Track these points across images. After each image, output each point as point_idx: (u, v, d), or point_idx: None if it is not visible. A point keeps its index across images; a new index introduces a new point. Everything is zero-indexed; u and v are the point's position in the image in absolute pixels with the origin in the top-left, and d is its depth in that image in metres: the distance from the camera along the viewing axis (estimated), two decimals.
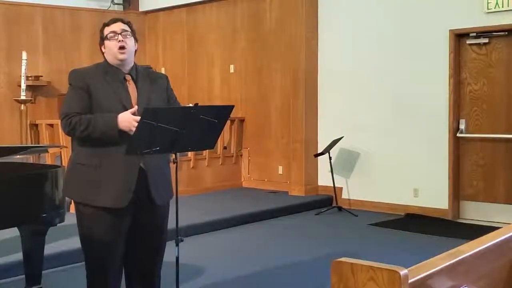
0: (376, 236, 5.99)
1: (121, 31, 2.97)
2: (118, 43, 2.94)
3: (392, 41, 7.02)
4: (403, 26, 6.93)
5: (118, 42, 2.94)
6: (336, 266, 1.39)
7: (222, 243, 5.71)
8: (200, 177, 7.96)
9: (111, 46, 2.95)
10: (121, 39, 2.95)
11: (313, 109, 7.70)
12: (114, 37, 2.95)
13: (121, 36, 2.95)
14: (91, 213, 2.92)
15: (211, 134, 3.12)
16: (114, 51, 2.94)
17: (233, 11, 8.56)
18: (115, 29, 2.97)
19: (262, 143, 8.26)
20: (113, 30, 2.97)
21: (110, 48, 2.95)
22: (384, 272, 1.32)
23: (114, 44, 2.94)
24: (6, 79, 8.10)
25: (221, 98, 8.66)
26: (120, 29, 2.97)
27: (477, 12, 6.37)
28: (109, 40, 2.96)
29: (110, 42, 2.95)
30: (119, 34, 2.96)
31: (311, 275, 4.62)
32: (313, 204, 7.29)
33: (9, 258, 4.50)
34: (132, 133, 2.79)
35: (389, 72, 7.04)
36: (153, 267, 3.13)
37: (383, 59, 7.09)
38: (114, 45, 2.94)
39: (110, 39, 2.95)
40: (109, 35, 2.96)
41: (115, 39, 2.95)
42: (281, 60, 7.95)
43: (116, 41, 2.94)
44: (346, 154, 7.42)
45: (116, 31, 2.96)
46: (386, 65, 7.06)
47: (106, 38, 2.96)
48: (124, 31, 2.98)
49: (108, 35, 2.96)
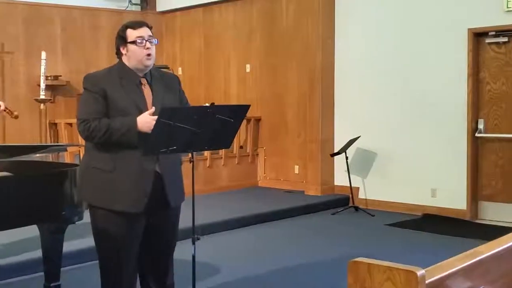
0: (393, 236, 5.96)
1: (148, 37, 2.96)
2: (145, 50, 2.93)
3: (410, 40, 6.97)
4: (422, 25, 6.88)
5: (146, 49, 2.93)
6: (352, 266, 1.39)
7: (238, 242, 5.72)
8: (216, 176, 7.98)
9: (138, 52, 2.93)
10: (149, 46, 2.95)
11: (329, 109, 7.68)
12: (142, 43, 2.93)
13: (148, 43, 2.95)
14: (106, 216, 2.93)
15: (227, 134, 3.12)
16: (141, 58, 2.93)
17: (249, 10, 8.57)
18: (142, 34, 2.95)
19: (278, 142, 8.25)
20: (141, 36, 2.95)
21: (136, 53, 2.93)
22: (401, 273, 1.31)
23: (141, 50, 2.93)
24: (26, 79, 8.19)
25: (237, 98, 8.67)
26: (148, 35, 2.97)
27: (496, 11, 6.31)
28: (137, 45, 2.93)
29: (137, 48, 2.93)
30: (146, 41, 2.95)
31: (327, 275, 4.61)
32: (329, 204, 7.27)
33: (28, 255, 4.56)
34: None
35: (407, 71, 7.00)
36: (167, 265, 3.15)
37: (401, 58, 7.05)
38: (141, 52, 2.93)
39: (138, 45, 2.93)
40: (138, 40, 2.94)
41: (143, 46, 2.93)
42: (297, 59, 7.93)
43: (143, 47, 2.93)
44: (363, 154, 7.39)
45: (144, 37, 2.95)
46: (404, 64, 7.02)
47: (134, 43, 2.93)
48: (150, 37, 2.98)
49: (137, 40, 2.94)
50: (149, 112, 2.85)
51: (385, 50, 7.18)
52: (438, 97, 6.73)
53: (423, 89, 6.87)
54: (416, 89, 6.92)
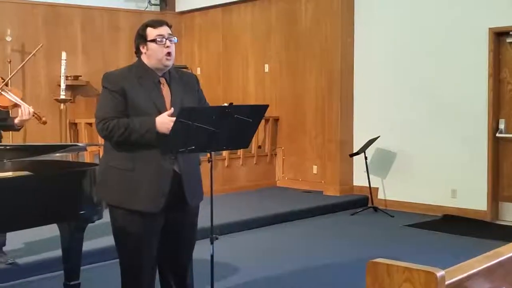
0: (412, 237, 5.91)
1: (168, 35, 2.96)
2: (165, 49, 2.93)
3: (430, 40, 6.92)
4: (442, 24, 6.82)
5: (166, 48, 2.93)
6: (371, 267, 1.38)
7: (257, 242, 5.72)
8: (234, 176, 7.99)
9: (158, 50, 2.93)
10: (169, 45, 2.95)
11: (348, 109, 7.65)
12: (162, 42, 2.93)
13: (168, 41, 2.96)
14: (125, 215, 2.95)
15: (246, 133, 3.12)
16: (161, 57, 2.93)
17: (268, 10, 8.57)
18: (163, 33, 2.95)
19: (296, 142, 8.24)
20: (161, 34, 2.95)
21: (156, 52, 2.93)
22: (420, 273, 1.30)
23: (161, 49, 2.93)
24: (46, 79, 8.28)
25: (255, 98, 8.67)
26: (168, 33, 2.97)
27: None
28: (157, 43, 2.93)
29: (157, 46, 2.93)
30: (166, 39, 2.96)
31: (346, 275, 4.59)
32: (348, 204, 7.24)
33: (49, 254, 4.61)
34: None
35: (426, 71, 6.95)
36: (186, 264, 3.16)
37: (420, 58, 7.00)
38: (161, 51, 2.93)
39: (158, 43, 2.93)
40: (158, 39, 2.94)
41: (163, 44, 2.93)
42: (316, 59, 7.91)
43: (163, 46, 2.93)
44: (382, 154, 7.35)
45: (164, 35, 2.95)
46: (424, 64, 6.97)
47: (154, 41, 2.93)
48: (170, 35, 2.98)
49: (157, 39, 2.94)
50: (168, 113, 2.85)
51: (405, 50, 7.13)
52: (459, 97, 6.67)
53: (443, 89, 6.81)
54: (436, 89, 6.86)
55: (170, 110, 2.87)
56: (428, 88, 6.94)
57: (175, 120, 2.77)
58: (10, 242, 4.51)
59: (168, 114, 2.85)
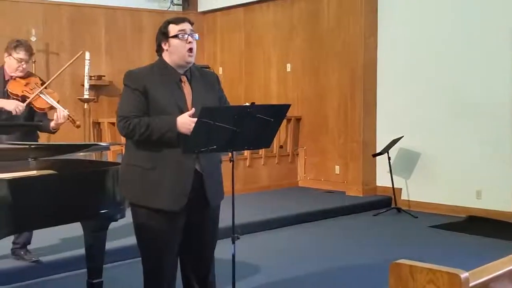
0: (436, 238, 5.85)
1: (190, 31, 2.96)
2: (187, 45, 2.92)
3: (453, 40, 6.83)
4: (465, 24, 6.74)
5: (188, 44, 2.93)
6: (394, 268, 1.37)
7: (278, 242, 5.71)
8: (256, 176, 7.99)
9: (180, 46, 2.92)
10: (191, 41, 2.94)
11: (371, 109, 7.59)
12: (184, 37, 2.93)
13: (190, 37, 2.95)
14: (147, 214, 2.96)
15: (267, 133, 3.11)
16: (183, 53, 2.93)
17: (290, 10, 8.55)
18: (184, 28, 2.95)
19: (318, 142, 8.21)
20: (183, 29, 2.94)
21: (178, 48, 2.93)
22: (444, 275, 1.29)
23: (183, 45, 2.92)
24: (70, 79, 8.37)
25: (277, 97, 8.66)
26: (189, 29, 2.96)
27: None
28: (179, 39, 2.93)
29: (179, 42, 2.92)
30: (188, 35, 2.95)
31: (368, 276, 4.56)
32: (371, 205, 7.19)
33: (72, 252, 4.66)
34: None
35: (450, 71, 6.86)
36: (208, 263, 3.17)
37: (444, 58, 6.92)
38: (183, 46, 2.92)
39: (180, 38, 2.92)
40: (180, 34, 2.93)
41: (185, 40, 2.93)
42: (338, 58, 7.88)
43: (185, 41, 2.92)
44: (406, 154, 7.28)
45: (186, 31, 2.95)
46: (447, 64, 6.89)
47: (176, 36, 2.93)
48: (192, 31, 2.98)
49: (179, 34, 2.93)
50: (189, 113, 2.85)
51: (429, 49, 7.06)
52: (483, 97, 6.58)
53: (467, 89, 6.73)
54: (460, 89, 6.78)
55: (191, 110, 2.87)
56: (452, 88, 6.86)
57: (196, 121, 2.77)
58: (34, 240, 4.57)
59: (189, 114, 2.85)
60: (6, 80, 4.31)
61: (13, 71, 4.30)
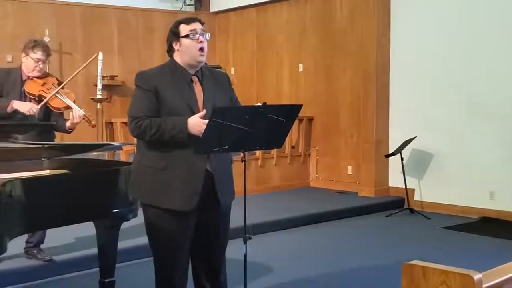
0: (449, 239, 5.81)
1: (201, 31, 2.96)
2: (199, 44, 2.93)
3: (468, 39, 6.78)
4: (480, 23, 6.69)
5: (199, 43, 2.93)
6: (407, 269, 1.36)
7: (290, 243, 5.70)
8: (267, 176, 7.99)
9: (191, 46, 2.93)
10: (202, 40, 2.94)
11: (384, 109, 7.56)
12: (195, 37, 2.93)
13: (201, 37, 2.95)
14: (158, 214, 2.97)
15: (279, 133, 3.10)
16: (194, 52, 2.93)
17: (303, 10, 8.54)
18: (195, 28, 2.95)
19: (331, 142, 8.19)
20: (194, 29, 2.95)
21: (189, 47, 2.93)
22: (457, 276, 1.28)
23: (194, 44, 2.92)
24: (83, 79, 8.41)
25: (289, 97, 8.65)
26: (200, 29, 2.97)
27: None
28: (190, 39, 2.93)
29: (190, 41, 2.93)
30: (199, 34, 2.95)
31: (380, 277, 4.54)
32: (383, 206, 7.16)
33: (85, 251, 4.69)
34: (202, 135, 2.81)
35: (464, 71, 6.82)
36: (219, 263, 3.17)
37: (458, 57, 6.87)
38: (195, 46, 2.92)
39: (191, 38, 2.93)
40: (191, 34, 2.93)
41: (196, 39, 2.93)
42: (351, 58, 7.85)
43: (196, 41, 2.93)
44: (419, 155, 7.25)
45: (197, 31, 2.95)
46: (462, 63, 6.84)
47: (187, 36, 2.93)
48: (203, 31, 2.98)
49: (190, 34, 2.93)
50: (200, 115, 2.85)
51: (443, 49, 7.01)
52: (497, 96, 6.53)
53: (481, 89, 6.67)
54: (474, 89, 6.73)
55: (202, 112, 2.87)
56: (465, 88, 6.81)
57: (209, 121, 2.77)
58: (47, 239, 4.60)
59: (200, 115, 2.85)
60: (24, 80, 4.35)
61: (30, 71, 4.33)
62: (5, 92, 4.30)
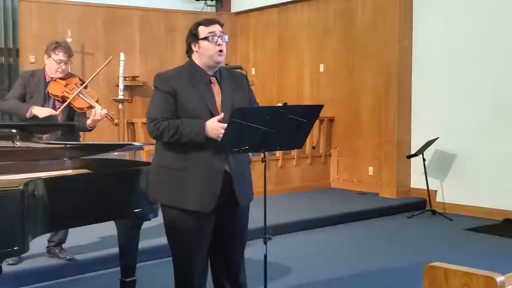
0: (472, 241, 5.75)
1: (220, 33, 2.98)
2: (217, 47, 2.95)
3: (491, 38, 6.70)
4: (504, 22, 6.60)
5: (217, 46, 2.95)
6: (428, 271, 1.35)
7: (310, 243, 5.68)
8: (288, 177, 7.97)
9: (210, 47, 2.95)
10: (220, 43, 2.96)
11: (406, 109, 7.50)
12: (214, 39, 2.95)
13: (220, 39, 2.97)
14: (177, 215, 2.98)
15: (300, 134, 3.09)
16: (212, 53, 2.95)
17: (324, 10, 8.51)
18: (214, 30, 2.97)
19: (352, 143, 8.15)
20: (213, 31, 2.97)
21: (208, 49, 2.95)
22: (479, 278, 1.26)
23: (213, 47, 2.94)
24: (105, 80, 8.49)
25: (310, 98, 8.63)
26: (219, 31, 2.99)
27: None
28: (209, 41, 2.95)
29: (209, 44, 2.95)
30: (218, 37, 2.97)
31: (402, 279, 4.50)
32: (405, 207, 7.10)
33: (106, 251, 4.73)
34: (220, 139, 2.81)
35: (488, 71, 6.73)
36: (238, 263, 3.17)
37: (481, 57, 6.78)
38: (213, 48, 2.95)
39: (210, 41, 2.95)
40: (210, 37, 2.96)
41: (214, 42, 2.95)
42: (373, 59, 7.80)
43: (215, 43, 2.95)
44: (441, 156, 7.17)
45: (216, 33, 2.97)
46: (484, 63, 6.75)
47: (206, 39, 2.95)
48: (222, 33, 2.99)
49: (209, 36, 2.96)
50: (218, 118, 2.86)
51: (466, 48, 6.93)
52: None
53: (504, 88, 6.59)
54: (498, 88, 6.65)
55: (220, 115, 2.88)
56: (488, 88, 6.73)
57: (229, 122, 2.77)
58: (69, 239, 4.64)
59: (218, 118, 2.86)
60: (47, 81, 4.40)
61: (53, 73, 4.38)
62: (28, 94, 4.36)
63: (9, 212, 2.68)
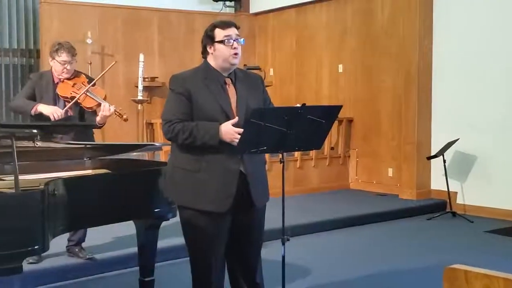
0: (492, 243, 5.68)
1: (235, 37, 3.00)
2: (232, 50, 2.97)
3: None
4: None
5: (232, 49, 2.97)
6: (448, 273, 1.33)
7: (329, 245, 5.66)
8: (306, 178, 7.95)
9: (225, 51, 2.97)
10: (236, 46, 2.98)
11: (426, 110, 7.44)
12: (229, 43, 2.97)
13: (235, 43, 2.98)
14: (193, 216, 2.99)
15: (318, 134, 3.09)
16: (227, 56, 2.97)
17: (343, 10, 8.48)
18: (230, 33, 2.99)
19: (371, 144, 8.10)
20: (229, 35, 2.98)
21: (223, 52, 2.97)
22: (500, 281, 1.24)
23: (228, 50, 2.97)
24: (125, 80, 8.55)
25: (329, 98, 8.61)
26: (235, 34, 3.00)
27: None
28: (225, 44, 2.97)
29: (224, 47, 2.97)
30: (234, 40, 2.99)
31: (421, 281, 4.47)
32: (425, 209, 7.04)
33: (125, 250, 4.76)
34: (235, 144, 2.82)
35: (508, 71, 6.65)
36: (255, 264, 3.18)
37: (503, 57, 6.70)
38: (228, 51, 2.97)
39: (225, 44, 2.97)
40: (225, 40, 2.97)
41: (230, 45, 2.97)
42: (392, 59, 7.75)
43: (230, 47, 2.97)
44: (462, 157, 7.10)
45: (232, 37, 2.98)
46: (505, 63, 6.67)
47: (222, 42, 2.97)
48: (238, 36, 3.01)
49: (225, 40, 2.98)
50: (233, 122, 2.87)
51: (487, 48, 6.85)
52: None
53: None
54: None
55: (235, 119, 2.88)
56: (510, 88, 6.65)
57: (246, 122, 2.77)
58: (88, 238, 4.68)
59: (232, 122, 2.86)
60: (56, 83, 4.45)
61: (59, 74, 4.42)
62: (38, 96, 4.41)
63: (30, 211, 2.71)
